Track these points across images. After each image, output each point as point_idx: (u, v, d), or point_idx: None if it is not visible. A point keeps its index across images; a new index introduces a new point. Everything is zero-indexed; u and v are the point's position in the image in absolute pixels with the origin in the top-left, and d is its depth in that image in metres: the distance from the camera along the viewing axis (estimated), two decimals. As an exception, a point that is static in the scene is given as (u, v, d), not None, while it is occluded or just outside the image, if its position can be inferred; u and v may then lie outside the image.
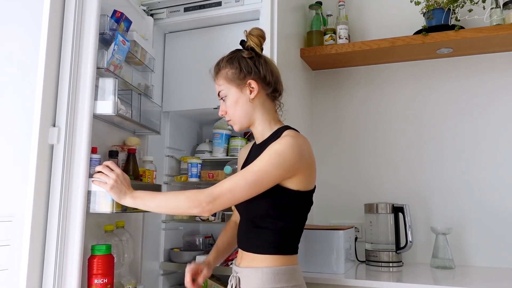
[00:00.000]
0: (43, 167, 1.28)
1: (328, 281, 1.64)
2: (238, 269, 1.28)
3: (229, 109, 1.31)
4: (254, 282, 1.21)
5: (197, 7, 1.93)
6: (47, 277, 1.26)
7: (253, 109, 1.31)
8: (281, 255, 1.24)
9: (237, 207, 1.37)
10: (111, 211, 1.36)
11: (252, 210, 1.27)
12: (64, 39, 1.36)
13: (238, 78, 1.29)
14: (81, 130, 1.34)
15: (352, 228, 1.95)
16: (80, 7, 1.39)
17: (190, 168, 1.99)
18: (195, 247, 2.12)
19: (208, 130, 2.30)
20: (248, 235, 1.30)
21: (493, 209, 1.99)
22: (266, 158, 1.19)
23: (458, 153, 2.09)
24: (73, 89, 1.35)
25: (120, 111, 1.49)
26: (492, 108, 2.06)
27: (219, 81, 1.31)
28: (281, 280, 1.20)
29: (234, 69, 1.29)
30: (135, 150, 1.61)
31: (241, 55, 1.31)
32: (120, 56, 1.51)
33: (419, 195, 2.11)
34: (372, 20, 2.32)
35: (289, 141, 1.20)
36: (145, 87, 1.80)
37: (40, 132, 1.27)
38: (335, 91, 2.35)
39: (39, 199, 1.27)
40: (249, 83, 1.28)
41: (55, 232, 1.27)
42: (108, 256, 1.37)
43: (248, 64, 1.29)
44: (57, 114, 1.33)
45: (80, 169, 1.32)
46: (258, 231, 1.26)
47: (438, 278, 1.70)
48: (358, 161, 2.25)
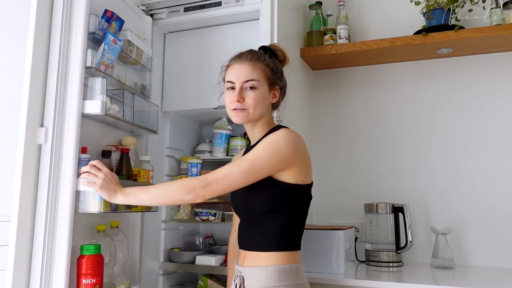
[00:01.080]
0: (30, 167, 1.28)
1: (328, 281, 1.64)
2: (242, 268, 1.27)
3: (252, 100, 1.28)
4: (259, 281, 1.21)
5: (197, 7, 1.93)
6: (34, 277, 1.26)
7: (267, 111, 1.36)
8: (284, 251, 1.24)
9: (236, 207, 1.37)
10: (98, 211, 1.36)
11: (252, 208, 1.28)
12: (52, 39, 1.36)
13: (272, 80, 1.33)
14: (69, 130, 1.34)
15: (352, 228, 1.95)
16: (69, 7, 1.38)
17: (190, 168, 1.98)
18: (195, 247, 2.12)
19: (208, 130, 2.30)
20: (249, 234, 1.30)
21: (493, 209, 1.99)
22: (261, 147, 1.22)
23: (458, 153, 2.09)
24: (61, 89, 1.35)
25: (111, 111, 1.48)
26: (492, 108, 2.06)
27: (256, 71, 1.30)
28: (286, 278, 1.20)
29: (273, 71, 1.34)
30: (128, 149, 1.61)
31: (276, 62, 1.37)
32: (112, 55, 1.51)
33: (419, 195, 2.11)
34: (372, 20, 2.32)
35: (283, 133, 1.25)
36: (141, 87, 1.80)
37: (27, 132, 1.27)
38: (335, 91, 2.35)
39: (25, 199, 1.27)
40: (277, 89, 1.36)
41: (42, 232, 1.28)
42: (97, 256, 1.37)
43: (281, 73, 1.38)
44: (45, 114, 1.33)
45: (68, 169, 1.32)
46: (260, 229, 1.26)
47: (438, 278, 1.70)
48: (358, 161, 2.25)
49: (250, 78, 1.29)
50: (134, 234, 1.78)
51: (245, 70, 1.30)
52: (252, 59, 1.31)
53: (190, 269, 1.95)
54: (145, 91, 1.82)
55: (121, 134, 1.71)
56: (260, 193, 1.23)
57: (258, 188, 1.23)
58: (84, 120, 1.43)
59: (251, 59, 1.31)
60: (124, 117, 1.58)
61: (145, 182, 1.67)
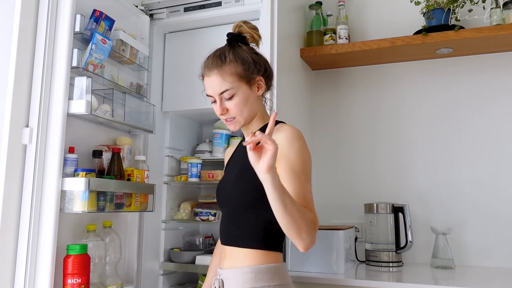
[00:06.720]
0: (15, 167, 1.29)
1: (328, 281, 1.64)
2: (221, 271, 1.24)
3: (236, 107, 1.21)
4: (235, 283, 1.18)
5: (197, 7, 1.93)
6: (18, 277, 1.27)
7: (258, 105, 1.28)
8: (264, 250, 1.19)
9: (219, 198, 1.33)
10: (82, 210, 1.37)
11: (236, 201, 1.23)
12: (37, 39, 1.36)
13: (248, 75, 1.22)
14: (55, 130, 1.34)
15: (352, 228, 1.95)
16: (54, 6, 1.38)
17: (190, 168, 1.99)
18: (195, 247, 2.12)
19: (208, 130, 2.30)
20: (230, 228, 1.25)
21: (493, 209, 1.99)
22: (294, 151, 1.16)
23: (458, 153, 2.09)
24: (46, 89, 1.36)
25: (98, 111, 1.48)
26: (492, 108, 2.06)
27: (226, 78, 1.20)
28: (263, 279, 1.16)
29: (243, 65, 1.21)
30: (119, 149, 1.61)
31: (245, 50, 1.24)
32: (101, 55, 1.51)
33: (419, 195, 2.11)
34: (372, 20, 2.32)
35: (291, 129, 1.21)
36: (137, 86, 1.80)
37: (11, 133, 1.28)
38: (335, 91, 2.35)
39: (10, 199, 1.27)
40: (258, 80, 1.25)
41: (26, 232, 1.28)
42: (83, 256, 1.37)
43: (254, 60, 1.24)
44: (30, 115, 1.34)
45: (53, 169, 1.33)
46: (241, 223, 1.22)
47: (438, 278, 1.70)
48: (358, 161, 2.25)
49: (223, 90, 1.20)
50: (131, 234, 1.78)
51: (215, 82, 1.21)
52: (217, 66, 1.21)
53: (190, 269, 1.95)
54: (141, 90, 1.82)
55: (117, 134, 1.71)
56: (246, 186, 1.18)
57: (244, 181, 1.19)
58: (75, 120, 1.44)
59: (216, 66, 1.21)
60: (115, 117, 1.57)
61: (140, 182, 1.66)
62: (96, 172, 1.50)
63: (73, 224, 1.48)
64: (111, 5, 1.68)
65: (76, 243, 1.42)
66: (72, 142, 1.43)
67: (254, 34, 1.27)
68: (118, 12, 1.72)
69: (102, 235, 1.56)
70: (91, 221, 1.55)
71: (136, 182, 1.65)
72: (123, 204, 1.60)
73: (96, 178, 1.46)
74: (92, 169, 1.49)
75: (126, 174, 1.63)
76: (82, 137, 1.52)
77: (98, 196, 1.46)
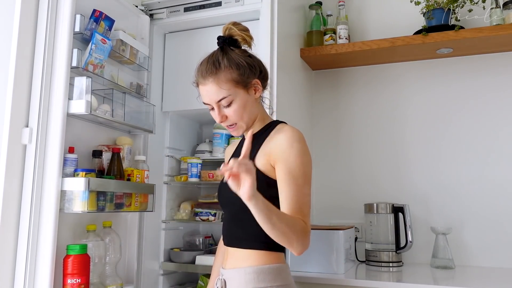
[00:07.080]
0: (14, 167, 1.29)
1: (328, 281, 1.64)
2: (224, 271, 1.24)
3: (235, 114, 1.20)
4: (238, 283, 1.18)
5: (197, 7, 1.93)
6: (18, 277, 1.27)
7: (257, 107, 1.27)
8: (267, 251, 1.19)
9: (221, 200, 1.33)
10: (82, 210, 1.37)
11: (238, 202, 1.18)
12: (37, 39, 1.37)
13: (244, 80, 1.20)
14: (55, 130, 1.35)
15: (352, 228, 1.95)
16: (54, 7, 1.39)
17: (190, 168, 1.99)
18: (195, 247, 2.12)
19: (208, 130, 2.30)
20: (232, 229, 1.26)
21: (493, 209, 1.99)
22: (294, 151, 1.15)
23: (458, 153, 2.09)
24: (46, 89, 1.36)
25: (98, 111, 1.48)
26: (492, 108, 2.06)
27: (223, 85, 1.17)
28: (265, 279, 1.16)
29: (238, 70, 1.19)
30: (119, 149, 1.61)
31: (238, 54, 1.22)
32: (101, 55, 1.51)
33: (419, 195, 2.11)
34: (372, 20, 2.32)
35: (291, 130, 1.20)
36: (137, 86, 1.80)
37: (11, 133, 1.28)
38: (335, 91, 2.35)
39: (9, 199, 1.27)
40: (254, 83, 1.23)
41: (26, 232, 1.29)
42: (83, 256, 1.37)
43: (249, 63, 1.22)
44: (29, 115, 1.34)
45: (53, 169, 1.33)
46: (243, 224, 1.21)
47: (438, 278, 1.70)
48: (358, 160, 2.25)
49: (221, 98, 1.18)
50: (132, 234, 1.78)
51: (211, 91, 1.19)
52: (212, 74, 1.18)
53: (190, 269, 1.95)
54: (141, 90, 1.82)
55: (117, 134, 1.71)
56: None
57: None
58: (75, 120, 1.44)
59: (211, 74, 1.18)
60: (115, 117, 1.57)
61: (140, 182, 1.66)
62: (96, 172, 1.50)
63: (73, 224, 1.48)
64: (111, 5, 1.68)
65: (76, 243, 1.42)
66: (72, 142, 1.43)
67: (245, 36, 1.24)
68: (118, 12, 1.72)
69: (102, 235, 1.56)
70: (91, 221, 1.55)
71: (136, 182, 1.65)
72: (123, 204, 1.60)
73: (96, 178, 1.46)
74: (92, 169, 1.49)
75: (126, 174, 1.64)
76: (82, 137, 1.52)
77: (98, 196, 1.46)
